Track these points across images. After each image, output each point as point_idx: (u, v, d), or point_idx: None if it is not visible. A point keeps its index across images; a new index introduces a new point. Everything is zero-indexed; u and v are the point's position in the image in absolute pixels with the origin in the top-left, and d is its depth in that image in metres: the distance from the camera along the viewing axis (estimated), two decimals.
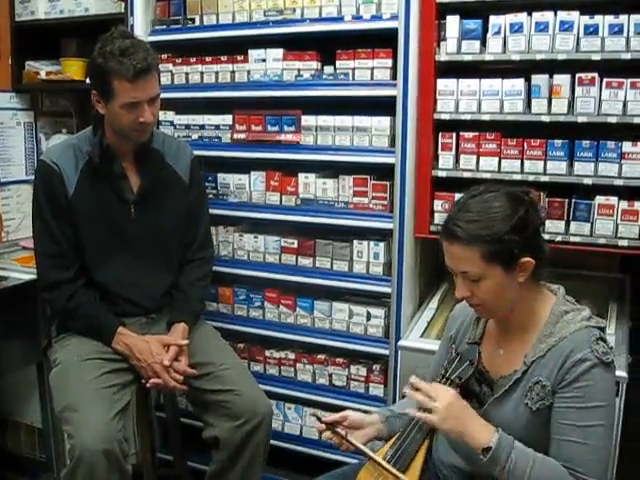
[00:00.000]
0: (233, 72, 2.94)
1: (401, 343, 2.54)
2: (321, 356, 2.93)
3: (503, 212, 1.67)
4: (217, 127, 3.00)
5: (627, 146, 2.32)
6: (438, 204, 2.59)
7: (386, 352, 2.73)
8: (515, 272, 1.69)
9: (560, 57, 2.35)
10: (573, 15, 2.33)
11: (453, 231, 1.69)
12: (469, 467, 1.81)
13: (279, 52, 2.83)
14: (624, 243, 2.35)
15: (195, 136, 3.05)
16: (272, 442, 2.56)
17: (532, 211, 1.71)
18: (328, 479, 2.00)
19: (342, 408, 2.11)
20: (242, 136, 2.93)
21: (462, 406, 1.70)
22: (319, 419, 1.90)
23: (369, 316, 2.78)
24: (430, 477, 1.78)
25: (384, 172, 2.70)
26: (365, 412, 2.03)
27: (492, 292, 1.71)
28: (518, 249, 1.67)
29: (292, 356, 2.99)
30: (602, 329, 1.72)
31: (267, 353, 3.05)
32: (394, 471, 1.73)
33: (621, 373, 2.14)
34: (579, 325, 1.70)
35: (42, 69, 3.39)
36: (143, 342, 2.44)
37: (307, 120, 2.80)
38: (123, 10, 3.09)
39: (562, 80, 2.37)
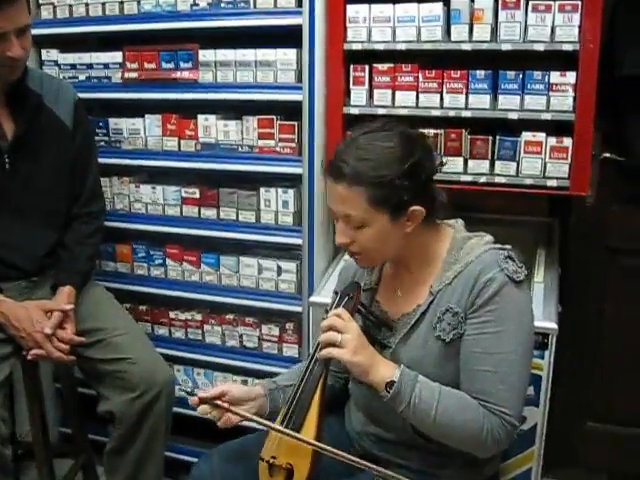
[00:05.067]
0: (122, 3, 2.69)
1: (313, 299, 2.40)
2: (230, 316, 2.80)
3: (396, 154, 1.58)
4: (106, 66, 2.77)
5: (555, 76, 2.20)
6: None
7: (299, 309, 2.61)
8: (402, 220, 1.61)
9: None
10: None
11: (339, 168, 1.58)
12: (391, 434, 1.73)
13: None
14: (553, 183, 2.25)
15: (82, 77, 2.81)
16: (181, 410, 2.50)
17: (426, 157, 1.64)
18: (229, 448, 1.87)
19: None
20: (134, 75, 2.71)
21: (366, 340, 1.63)
22: (189, 393, 1.72)
23: (280, 271, 2.65)
24: (348, 451, 1.64)
25: (291, 112, 2.52)
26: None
27: (374, 241, 1.62)
28: (408, 196, 1.58)
29: (199, 317, 2.86)
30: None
31: (172, 315, 2.91)
32: (287, 431, 1.60)
33: (551, 324, 2.09)
34: (485, 247, 1.65)
35: None
36: (21, 309, 2.24)
37: (205, 55, 2.59)
38: None
39: (484, 3, 2.21)
